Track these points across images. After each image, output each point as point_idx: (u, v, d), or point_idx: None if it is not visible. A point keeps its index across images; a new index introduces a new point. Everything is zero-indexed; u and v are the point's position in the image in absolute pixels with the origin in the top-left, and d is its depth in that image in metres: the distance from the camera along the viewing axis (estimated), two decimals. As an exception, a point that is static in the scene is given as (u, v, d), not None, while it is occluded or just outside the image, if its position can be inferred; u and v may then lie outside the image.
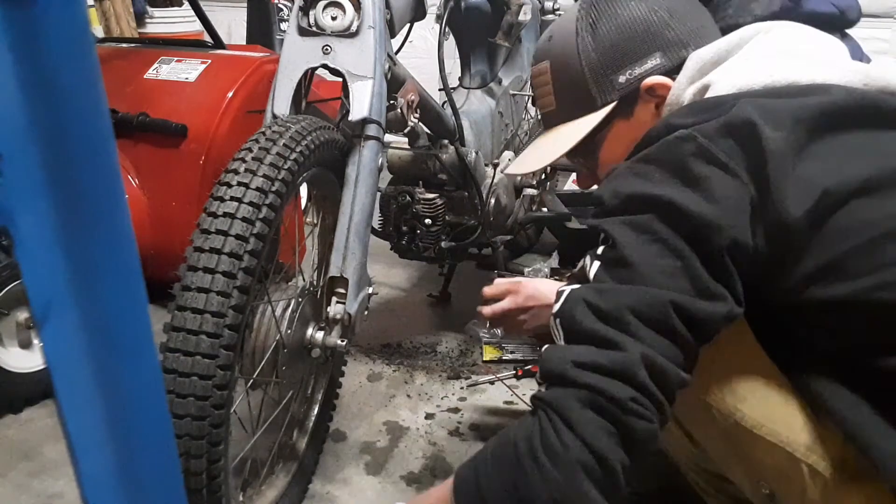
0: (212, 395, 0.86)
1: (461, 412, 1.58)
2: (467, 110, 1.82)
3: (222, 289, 0.86)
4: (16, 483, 1.34)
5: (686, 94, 0.86)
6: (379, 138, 1.19)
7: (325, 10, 1.16)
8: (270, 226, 0.93)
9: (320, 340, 1.14)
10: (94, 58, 0.41)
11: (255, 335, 1.06)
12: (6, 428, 1.50)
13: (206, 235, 0.89)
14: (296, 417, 1.30)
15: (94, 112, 0.42)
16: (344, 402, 1.56)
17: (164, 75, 1.94)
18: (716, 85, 0.79)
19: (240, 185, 0.92)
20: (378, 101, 1.17)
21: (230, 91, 1.84)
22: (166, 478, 0.53)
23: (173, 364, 0.85)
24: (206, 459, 0.88)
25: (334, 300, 1.16)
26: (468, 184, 1.67)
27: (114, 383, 0.46)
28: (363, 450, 1.45)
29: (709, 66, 0.85)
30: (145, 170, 1.87)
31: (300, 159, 0.99)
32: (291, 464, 1.28)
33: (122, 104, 1.84)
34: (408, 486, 1.35)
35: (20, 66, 0.38)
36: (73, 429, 0.45)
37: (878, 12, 3.23)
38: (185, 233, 0.92)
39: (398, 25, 1.31)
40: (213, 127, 1.81)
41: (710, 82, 0.80)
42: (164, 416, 0.52)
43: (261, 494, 1.19)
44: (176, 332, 0.86)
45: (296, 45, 1.17)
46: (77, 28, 0.40)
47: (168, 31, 3.50)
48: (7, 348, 1.53)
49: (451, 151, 1.63)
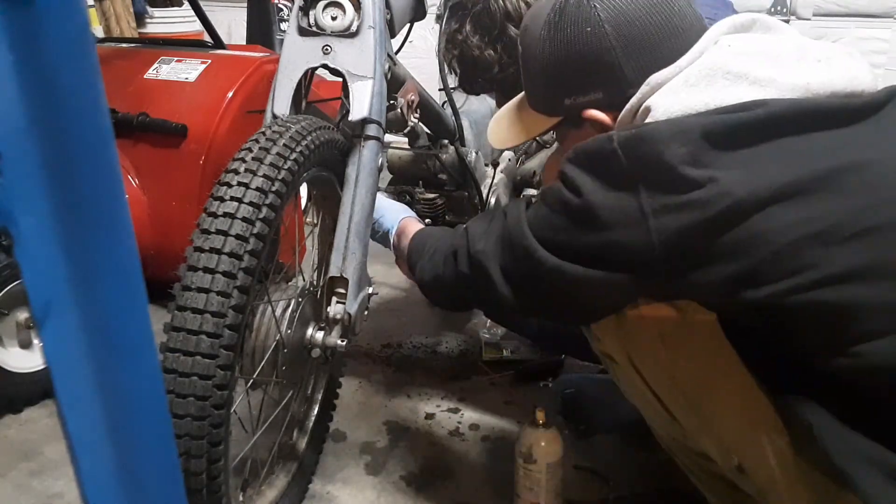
0: (212, 395, 0.86)
1: (461, 412, 1.58)
2: (467, 110, 1.82)
3: (222, 289, 0.86)
4: (16, 483, 1.34)
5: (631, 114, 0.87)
6: (379, 138, 1.19)
7: (325, 10, 1.16)
8: (270, 226, 0.93)
9: (320, 340, 1.14)
10: (94, 58, 0.41)
11: (255, 335, 1.06)
12: (6, 428, 1.50)
13: (206, 235, 0.89)
14: (296, 417, 1.30)
15: (94, 112, 0.42)
16: (344, 402, 1.56)
17: (164, 75, 1.94)
18: (654, 112, 0.80)
19: (240, 185, 0.92)
20: (378, 101, 1.17)
21: (230, 91, 1.84)
22: (166, 478, 0.53)
23: (173, 364, 0.85)
24: (206, 459, 0.88)
25: (334, 300, 1.16)
26: (468, 184, 1.67)
27: (114, 383, 0.46)
28: (363, 450, 1.45)
29: (656, 86, 0.85)
30: (145, 170, 1.87)
31: (300, 159, 0.99)
32: (291, 464, 1.27)
33: (122, 104, 1.84)
34: (408, 486, 1.35)
35: (20, 65, 0.38)
36: (73, 429, 0.45)
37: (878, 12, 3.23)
38: (185, 233, 0.92)
39: (398, 25, 1.31)
40: (213, 127, 1.81)
41: (651, 106, 0.81)
42: (164, 416, 0.52)
43: (261, 494, 1.19)
44: (176, 332, 0.86)
45: (296, 45, 1.17)
46: (77, 28, 0.40)
47: (168, 31, 3.50)
48: (7, 348, 1.53)
49: (451, 151, 1.63)
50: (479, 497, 1.32)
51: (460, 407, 1.60)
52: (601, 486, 1.34)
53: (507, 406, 1.60)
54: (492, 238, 0.93)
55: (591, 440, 1.45)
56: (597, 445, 1.45)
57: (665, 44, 0.86)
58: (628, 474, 1.36)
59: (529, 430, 1.21)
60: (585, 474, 1.36)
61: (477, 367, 1.75)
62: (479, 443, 1.47)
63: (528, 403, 1.59)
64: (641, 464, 1.39)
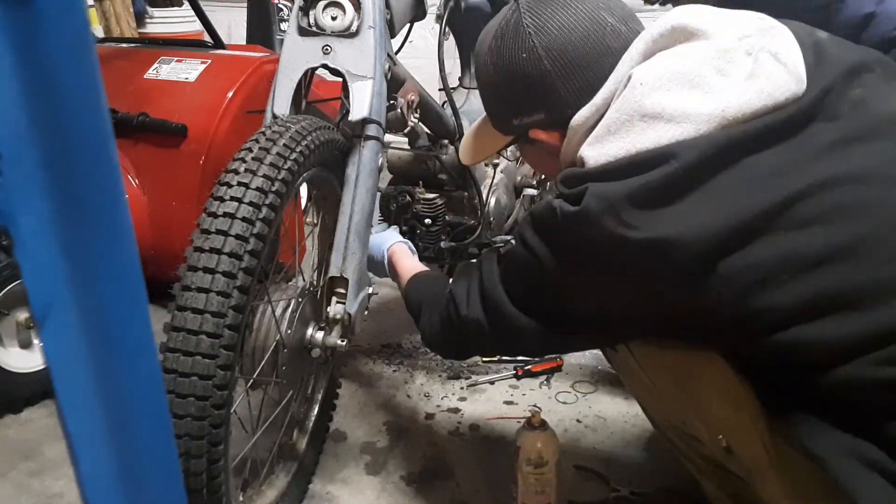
0: (212, 395, 0.86)
1: (461, 412, 1.58)
2: (467, 110, 1.82)
3: (222, 289, 0.86)
4: (16, 483, 1.34)
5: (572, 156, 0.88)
6: (379, 138, 1.19)
7: (325, 10, 1.16)
8: (270, 226, 0.93)
9: (320, 340, 1.14)
10: (94, 58, 0.41)
11: (256, 335, 1.06)
12: (6, 428, 1.50)
13: (206, 235, 0.89)
14: (296, 417, 1.30)
15: (94, 112, 0.42)
16: (344, 402, 1.56)
17: (164, 75, 1.94)
18: (587, 161, 0.82)
19: (240, 185, 0.92)
20: (378, 101, 1.17)
21: (230, 91, 1.84)
22: (166, 478, 0.53)
23: (173, 364, 0.85)
24: (207, 459, 0.88)
25: (334, 300, 1.16)
26: (468, 184, 1.67)
27: (114, 383, 0.46)
28: (363, 450, 1.45)
29: (583, 133, 0.87)
30: (145, 170, 1.87)
31: (300, 159, 0.99)
32: (291, 464, 1.27)
33: (122, 104, 1.84)
34: (408, 486, 1.35)
35: (20, 65, 0.38)
36: (73, 429, 0.45)
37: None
38: (185, 233, 0.92)
39: (398, 25, 1.31)
40: (213, 127, 1.81)
41: (583, 157, 0.83)
42: (164, 416, 0.52)
43: (261, 494, 1.19)
44: (176, 332, 0.86)
45: (296, 45, 1.17)
46: (77, 28, 0.40)
47: (168, 31, 3.50)
48: (7, 348, 1.53)
49: (451, 151, 1.63)
50: (479, 497, 1.32)
51: (460, 407, 1.60)
52: (601, 486, 1.34)
53: (507, 406, 1.60)
54: (474, 296, 0.98)
55: (592, 440, 1.45)
56: (597, 445, 1.45)
57: (598, 63, 0.89)
58: (628, 474, 1.36)
59: (531, 435, 1.21)
60: (585, 474, 1.37)
61: (477, 366, 1.76)
62: (479, 443, 1.47)
63: (528, 403, 1.59)
64: (641, 464, 1.39)
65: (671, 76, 0.79)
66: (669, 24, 0.84)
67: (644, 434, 1.47)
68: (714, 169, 0.76)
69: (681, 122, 0.77)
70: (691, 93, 0.78)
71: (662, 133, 0.77)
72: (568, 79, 0.90)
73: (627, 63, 0.86)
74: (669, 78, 0.79)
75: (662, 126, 0.78)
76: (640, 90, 0.80)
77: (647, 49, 0.85)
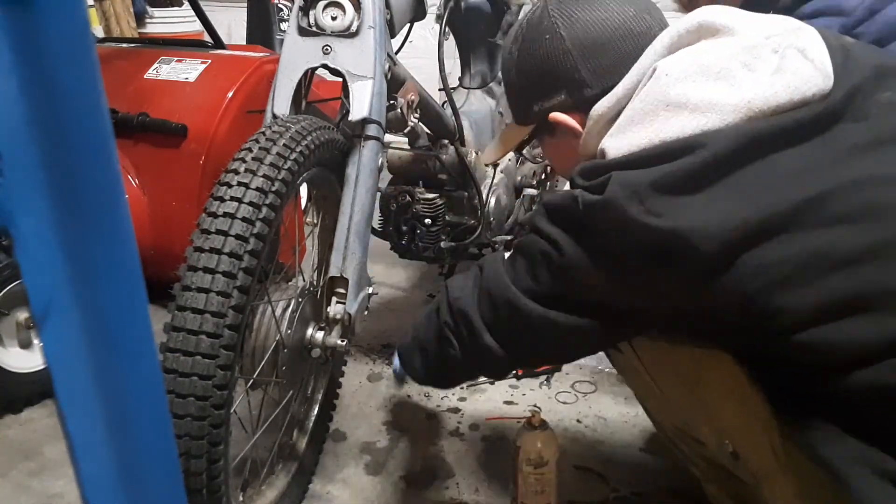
0: (212, 395, 0.86)
1: (461, 412, 1.58)
2: (467, 110, 1.82)
3: (222, 289, 0.86)
4: (16, 483, 1.34)
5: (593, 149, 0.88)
6: (379, 138, 1.19)
7: (325, 10, 1.16)
8: (270, 226, 0.93)
9: (320, 340, 1.14)
10: (94, 58, 0.41)
11: (255, 335, 1.06)
12: (6, 428, 1.50)
13: (206, 235, 0.89)
14: (296, 417, 1.30)
15: (94, 112, 0.42)
16: (344, 402, 1.56)
17: (164, 75, 1.94)
18: (609, 153, 0.82)
19: (240, 185, 0.92)
20: (378, 101, 1.17)
21: (230, 91, 1.84)
22: (166, 478, 0.53)
23: (173, 364, 0.85)
24: (207, 459, 0.88)
25: (334, 300, 1.16)
26: (468, 184, 1.67)
27: (114, 383, 0.46)
28: (363, 450, 1.45)
29: (604, 125, 0.87)
30: (145, 170, 1.87)
31: (300, 159, 0.99)
32: (291, 464, 1.27)
33: (122, 104, 1.84)
34: (408, 486, 1.35)
35: (20, 66, 0.38)
36: (73, 429, 0.45)
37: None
38: (185, 233, 0.92)
39: (398, 25, 1.31)
40: (213, 127, 1.81)
41: (605, 149, 0.83)
42: (164, 416, 0.52)
43: (261, 494, 1.19)
44: (176, 332, 0.86)
45: (296, 45, 1.17)
46: (77, 28, 0.40)
47: (168, 31, 3.49)
48: (7, 348, 1.53)
49: (451, 151, 1.63)
50: (479, 497, 1.32)
51: (460, 407, 1.60)
52: (601, 486, 1.34)
53: (507, 406, 1.60)
54: (473, 299, 0.95)
55: (592, 440, 1.45)
56: (597, 445, 1.45)
57: (618, 46, 0.91)
58: (628, 474, 1.36)
59: (531, 435, 1.21)
60: (585, 474, 1.37)
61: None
62: (479, 443, 1.47)
63: (528, 403, 1.59)
64: (641, 464, 1.39)
65: (697, 68, 0.79)
66: (696, 21, 0.84)
67: (644, 434, 1.47)
68: (742, 160, 0.75)
69: (706, 112, 0.76)
70: (717, 84, 0.78)
71: (687, 123, 0.77)
72: (589, 58, 0.91)
73: (651, 56, 0.86)
74: (695, 70, 0.79)
75: (687, 116, 0.77)
76: (664, 80, 0.80)
77: (673, 44, 0.85)
